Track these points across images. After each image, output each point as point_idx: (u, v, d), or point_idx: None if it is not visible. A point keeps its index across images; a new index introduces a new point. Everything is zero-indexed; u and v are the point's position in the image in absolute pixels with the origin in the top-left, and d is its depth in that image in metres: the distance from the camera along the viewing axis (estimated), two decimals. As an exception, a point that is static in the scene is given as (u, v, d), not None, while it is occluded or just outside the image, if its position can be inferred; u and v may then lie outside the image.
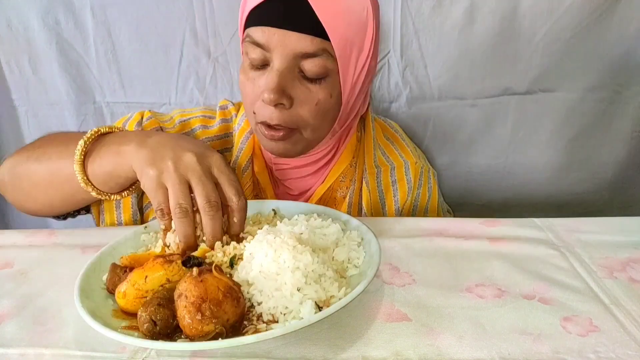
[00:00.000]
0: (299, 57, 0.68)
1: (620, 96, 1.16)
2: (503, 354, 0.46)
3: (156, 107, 1.25)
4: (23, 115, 1.29)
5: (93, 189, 0.67)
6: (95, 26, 1.17)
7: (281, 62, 0.68)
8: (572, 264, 0.62)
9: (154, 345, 0.45)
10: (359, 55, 0.72)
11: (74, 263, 0.62)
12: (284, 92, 0.69)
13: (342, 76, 0.71)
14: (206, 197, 0.57)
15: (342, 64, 0.70)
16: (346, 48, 0.69)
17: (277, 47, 0.68)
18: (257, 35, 0.69)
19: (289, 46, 0.67)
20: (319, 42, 0.67)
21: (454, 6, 1.09)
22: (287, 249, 0.52)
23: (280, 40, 0.67)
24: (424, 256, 0.64)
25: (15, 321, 0.54)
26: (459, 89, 1.17)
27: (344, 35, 0.68)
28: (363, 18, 0.71)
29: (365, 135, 0.88)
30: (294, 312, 0.48)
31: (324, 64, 0.69)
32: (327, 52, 0.68)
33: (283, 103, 0.69)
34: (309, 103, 0.71)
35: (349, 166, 0.86)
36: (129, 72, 1.22)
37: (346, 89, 0.73)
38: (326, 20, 0.66)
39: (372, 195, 0.86)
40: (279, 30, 0.67)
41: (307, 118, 0.72)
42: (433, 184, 0.92)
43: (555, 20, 1.08)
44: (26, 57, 1.21)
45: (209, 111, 0.90)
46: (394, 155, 0.90)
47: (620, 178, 1.25)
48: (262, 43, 0.68)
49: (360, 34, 0.71)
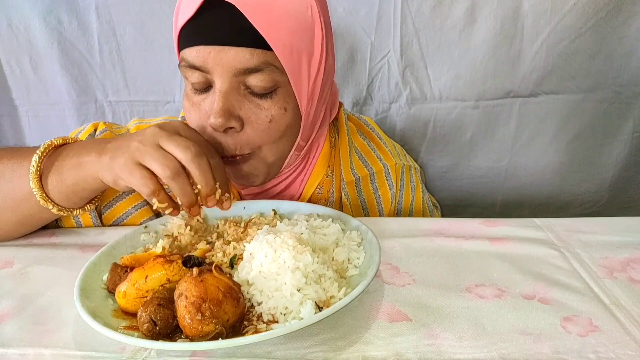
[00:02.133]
0: (241, 73, 0.62)
1: (621, 97, 1.16)
2: (503, 354, 0.46)
3: (160, 105, 1.25)
4: (24, 115, 1.29)
5: (54, 206, 0.64)
6: (100, 26, 1.17)
7: (222, 81, 0.62)
8: (572, 264, 0.62)
9: (154, 345, 0.45)
10: (310, 59, 0.66)
11: (74, 263, 0.62)
12: (232, 114, 0.63)
13: (295, 87, 0.65)
14: (186, 148, 0.55)
15: (292, 74, 0.64)
16: (292, 55, 0.63)
17: (215, 66, 0.61)
18: (191, 57, 0.62)
19: (227, 64, 0.61)
20: (261, 55, 0.61)
21: (454, 6, 1.09)
22: (287, 249, 0.52)
23: (216, 58, 0.61)
24: (424, 256, 0.64)
25: (15, 321, 0.54)
26: (460, 90, 1.16)
27: (287, 43, 0.62)
28: (307, 19, 0.64)
29: (340, 139, 0.83)
30: (294, 312, 0.48)
31: (271, 77, 0.62)
32: (271, 64, 0.62)
33: (232, 126, 0.63)
34: (262, 122, 0.65)
35: (324, 177, 0.81)
36: (133, 71, 1.23)
37: (303, 100, 0.67)
38: (264, 29, 0.60)
39: (353, 207, 0.81)
40: (214, 47, 0.61)
41: (263, 138, 0.66)
42: (416, 182, 0.87)
43: (558, 21, 1.07)
44: (27, 57, 1.22)
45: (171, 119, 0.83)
46: (372, 158, 0.83)
47: (620, 178, 1.25)
48: (198, 65, 0.62)
49: (306, 37, 0.65)
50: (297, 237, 0.55)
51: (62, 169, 0.62)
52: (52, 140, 0.65)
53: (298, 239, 0.55)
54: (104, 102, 1.26)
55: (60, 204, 0.65)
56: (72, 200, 0.65)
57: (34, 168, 0.62)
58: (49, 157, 0.64)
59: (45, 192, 0.63)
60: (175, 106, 1.25)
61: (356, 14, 1.13)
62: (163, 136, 0.56)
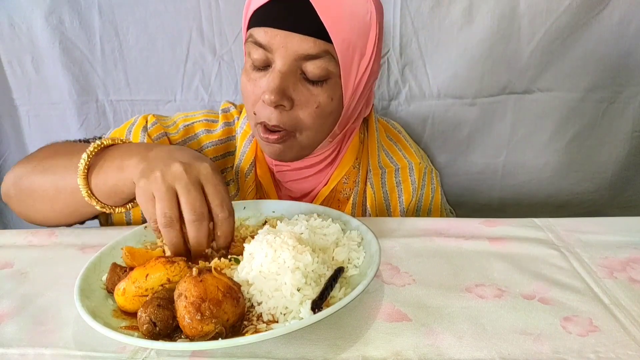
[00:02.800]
0: (301, 58, 0.68)
1: (620, 96, 1.16)
2: (503, 354, 0.46)
3: (161, 104, 1.25)
4: (24, 115, 1.29)
5: (97, 203, 0.68)
6: (102, 25, 1.18)
7: (283, 63, 0.68)
8: (572, 264, 0.62)
9: (154, 345, 0.45)
10: (361, 58, 0.72)
11: (74, 263, 0.62)
12: (285, 94, 0.68)
13: (344, 79, 0.71)
14: (191, 206, 0.56)
15: (344, 67, 0.70)
16: (348, 51, 0.69)
17: (279, 48, 0.67)
18: (259, 35, 0.68)
19: (291, 48, 0.67)
20: (322, 45, 0.67)
21: (452, 6, 1.09)
22: (287, 249, 0.52)
23: (282, 41, 0.67)
24: (424, 256, 0.64)
25: (15, 321, 0.54)
26: (457, 87, 1.17)
27: (346, 39, 0.68)
28: (366, 22, 0.71)
29: (369, 136, 0.88)
30: (294, 312, 0.48)
31: (326, 67, 0.68)
32: (329, 54, 0.68)
33: (283, 104, 0.69)
34: (310, 106, 0.71)
35: (351, 168, 0.86)
36: (135, 70, 1.23)
37: (347, 93, 0.73)
38: (329, 23, 0.66)
39: (377, 196, 0.86)
40: (281, 31, 0.67)
41: (307, 121, 0.72)
42: (436, 185, 0.92)
43: (554, 20, 1.08)
44: (29, 57, 1.21)
45: (211, 114, 0.89)
46: (398, 156, 0.90)
47: (620, 178, 1.25)
48: (264, 44, 0.68)
49: (362, 37, 0.71)
50: (297, 237, 0.55)
51: (107, 169, 0.66)
52: (102, 140, 0.69)
53: (298, 239, 0.55)
54: (105, 101, 1.26)
55: (103, 201, 0.68)
56: (113, 199, 0.68)
57: (82, 165, 0.66)
58: (98, 155, 0.68)
59: (90, 189, 0.67)
60: (176, 105, 1.25)
61: (356, 14, 1.13)
62: (181, 184, 0.57)
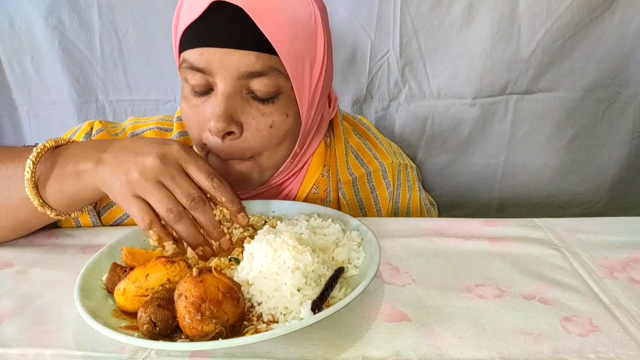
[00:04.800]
0: (245, 77, 0.61)
1: (621, 96, 1.16)
2: (503, 354, 0.46)
3: (161, 104, 1.26)
4: (24, 115, 1.29)
5: (52, 211, 0.63)
6: (102, 25, 1.18)
7: (226, 85, 0.61)
8: (572, 264, 0.62)
9: (154, 345, 0.45)
10: (312, 67, 0.66)
11: (74, 263, 0.62)
12: (232, 119, 0.62)
13: (298, 93, 0.65)
14: (186, 193, 0.55)
15: (296, 80, 0.64)
16: (297, 62, 0.63)
17: (219, 69, 0.61)
18: (194, 58, 0.62)
19: (232, 66, 0.60)
20: (266, 59, 0.61)
21: (452, 6, 1.10)
22: (287, 249, 0.52)
23: (221, 60, 0.60)
24: (424, 256, 0.64)
25: (15, 321, 0.54)
26: (457, 87, 1.17)
27: (292, 49, 0.62)
28: (311, 26, 0.65)
29: (335, 139, 0.82)
30: (294, 312, 0.48)
31: (274, 83, 0.62)
32: (275, 69, 0.62)
33: (232, 131, 0.63)
34: (263, 127, 0.64)
35: (320, 176, 0.80)
36: (135, 70, 1.23)
37: (304, 107, 0.67)
38: (271, 33, 0.60)
39: (350, 207, 0.81)
40: (219, 49, 0.60)
41: (262, 144, 0.66)
42: (412, 181, 0.86)
43: (554, 20, 1.08)
44: (28, 57, 1.22)
45: (165, 122, 0.83)
46: (368, 157, 0.83)
47: (620, 178, 1.25)
48: (202, 67, 0.61)
49: (310, 44, 0.65)
50: (297, 237, 0.55)
51: (61, 178, 0.61)
52: (45, 143, 0.62)
53: (298, 239, 0.55)
54: (105, 101, 1.27)
55: (59, 210, 0.64)
56: (72, 207, 0.65)
57: (29, 175, 0.60)
58: (44, 161, 0.62)
59: (42, 199, 0.62)
60: (176, 105, 1.25)
61: (357, 14, 1.14)
62: (166, 177, 0.56)
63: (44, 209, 0.62)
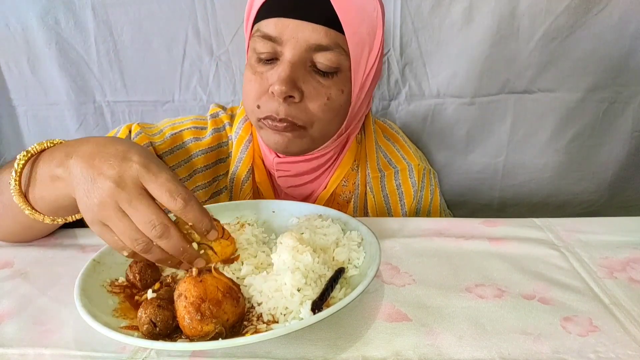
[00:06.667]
0: (312, 49, 0.67)
1: (621, 96, 1.16)
2: (503, 354, 0.46)
3: (158, 105, 1.25)
4: (22, 116, 1.29)
5: (45, 217, 0.60)
6: (97, 25, 1.17)
7: (294, 53, 0.67)
8: (572, 264, 0.62)
9: (154, 345, 0.45)
10: (369, 54, 0.71)
11: (74, 263, 0.62)
12: (295, 84, 0.67)
13: (354, 73, 0.70)
14: (147, 223, 0.49)
15: (355, 61, 0.69)
16: (359, 44, 0.69)
17: (290, 38, 0.66)
18: (269, 27, 0.67)
19: (302, 37, 0.66)
20: (334, 35, 0.66)
21: (453, 6, 1.10)
22: (287, 249, 0.52)
23: (294, 31, 0.66)
24: (424, 256, 0.64)
25: (15, 321, 0.54)
26: (457, 87, 1.17)
27: (357, 31, 0.67)
28: (373, 18, 0.70)
29: (366, 137, 0.87)
30: (294, 312, 0.48)
31: (337, 59, 0.68)
32: (340, 47, 0.67)
33: (293, 96, 0.67)
34: (320, 98, 0.69)
35: (350, 170, 0.85)
36: (131, 71, 1.22)
37: (356, 87, 0.72)
38: (342, 14, 0.65)
39: (377, 201, 0.85)
40: (293, 21, 0.66)
41: (317, 113, 0.70)
42: (435, 186, 0.91)
43: (554, 20, 1.08)
44: (25, 57, 1.21)
45: (200, 121, 0.86)
46: (397, 157, 0.88)
47: (620, 178, 1.25)
48: (274, 35, 0.67)
49: (371, 33, 0.71)
50: (297, 237, 0.55)
51: (40, 184, 0.58)
52: (29, 149, 0.59)
53: (298, 239, 0.55)
54: (102, 102, 1.26)
55: (51, 216, 0.61)
56: (61, 213, 0.61)
57: (14, 183, 0.58)
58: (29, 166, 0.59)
59: (31, 205, 0.59)
60: (174, 106, 1.24)
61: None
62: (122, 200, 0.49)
63: (34, 215, 0.60)
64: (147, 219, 0.49)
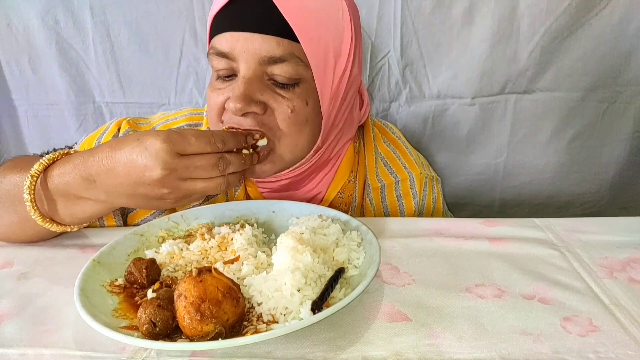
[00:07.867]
0: (266, 62, 0.63)
1: (621, 96, 1.16)
2: (503, 354, 0.46)
3: (155, 107, 1.25)
4: (23, 115, 1.29)
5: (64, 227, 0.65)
6: (94, 26, 1.17)
7: (247, 68, 0.64)
8: (572, 264, 0.62)
9: (154, 345, 0.45)
10: (337, 60, 0.67)
11: (74, 263, 0.62)
12: (252, 100, 0.63)
13: (318, 82, 0.66)
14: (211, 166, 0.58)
15: (317, 68, 0.65)
16: (319, 51, 0.64)
17: (241, 52, 0.63)
18: (220, 44, 0.64)
19: (253, 50, 0.63)
20: (287, 45, 0.62)
21: (453, 7, 1.10)
22: (287, 250, 0.52)
23: (244, 44, 0.63)
24: (424, 256, 0.64)
25: (15, 321, 0.54)
26: (457, 88, 1.17)
27: (315, 37, 0.63)
28: (338, 19, 0.66)
29: (365, 146, 0.83)
30: (294, 312, 0.48)
31: (295, 69, 0.64)
32: (296, 56, 0.63)
33: (254, 111, 0.64)
34: (284, 110, 0.65)
35: (347, 182, 0.81)
36: (128, 73, 1.22)
37: (325, 98, 0.68)
38: (294, 21, 0.61)
39: (376, 212, 0.82)
40: (242, 34, 0.63)
41: (282, 128, 0.66)
42: (437, 193, 0.88)
43: (554, 20, 1.08)
44: (26, 57, 1.21)
45: (195, 116, 0.83)
46: (397, 166, 0.84)
47: (620, 178, 1.25)
48: (226, 52, 0.64)
49: (336, 37, 0.66)
50: (297, 237, 0.55)
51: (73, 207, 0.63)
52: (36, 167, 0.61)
53: (298, 239, 0.55)
54: (101, 102, 1.26)
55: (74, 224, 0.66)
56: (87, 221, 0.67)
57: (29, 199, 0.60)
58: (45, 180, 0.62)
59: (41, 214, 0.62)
60: (170, 108, 1.24)
61: (357, 15, 1.14)
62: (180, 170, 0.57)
63: (51, 225, 0.63)
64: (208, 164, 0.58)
